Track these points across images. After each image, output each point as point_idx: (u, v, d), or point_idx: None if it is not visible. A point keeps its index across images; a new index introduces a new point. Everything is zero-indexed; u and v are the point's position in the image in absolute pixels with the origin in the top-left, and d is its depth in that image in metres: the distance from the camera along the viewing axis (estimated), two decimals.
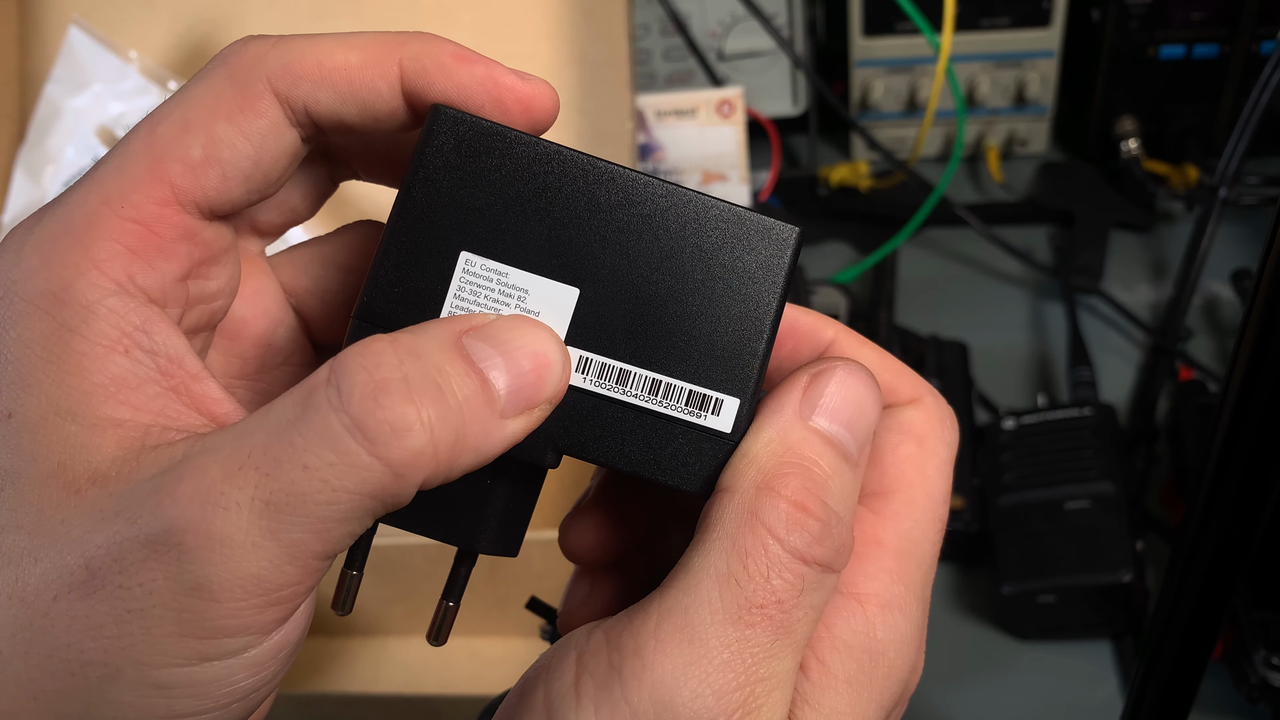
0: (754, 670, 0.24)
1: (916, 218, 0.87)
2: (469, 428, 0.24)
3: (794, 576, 0.25)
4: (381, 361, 0.24)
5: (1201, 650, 0.42)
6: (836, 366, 0.27)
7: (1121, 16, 0.88)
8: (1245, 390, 0.35)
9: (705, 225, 0.28)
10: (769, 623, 0.24)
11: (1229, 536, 0.38)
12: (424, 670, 0.72)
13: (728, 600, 0.24)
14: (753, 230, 0.28)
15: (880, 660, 0.27)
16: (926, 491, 0.30)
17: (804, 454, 0.26)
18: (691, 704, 0.24)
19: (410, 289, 0.28)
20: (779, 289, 0.28)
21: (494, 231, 0.28)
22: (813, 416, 0.27)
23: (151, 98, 0.71)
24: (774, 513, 0.25)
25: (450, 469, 0.24)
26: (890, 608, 0.28)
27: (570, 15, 0.70)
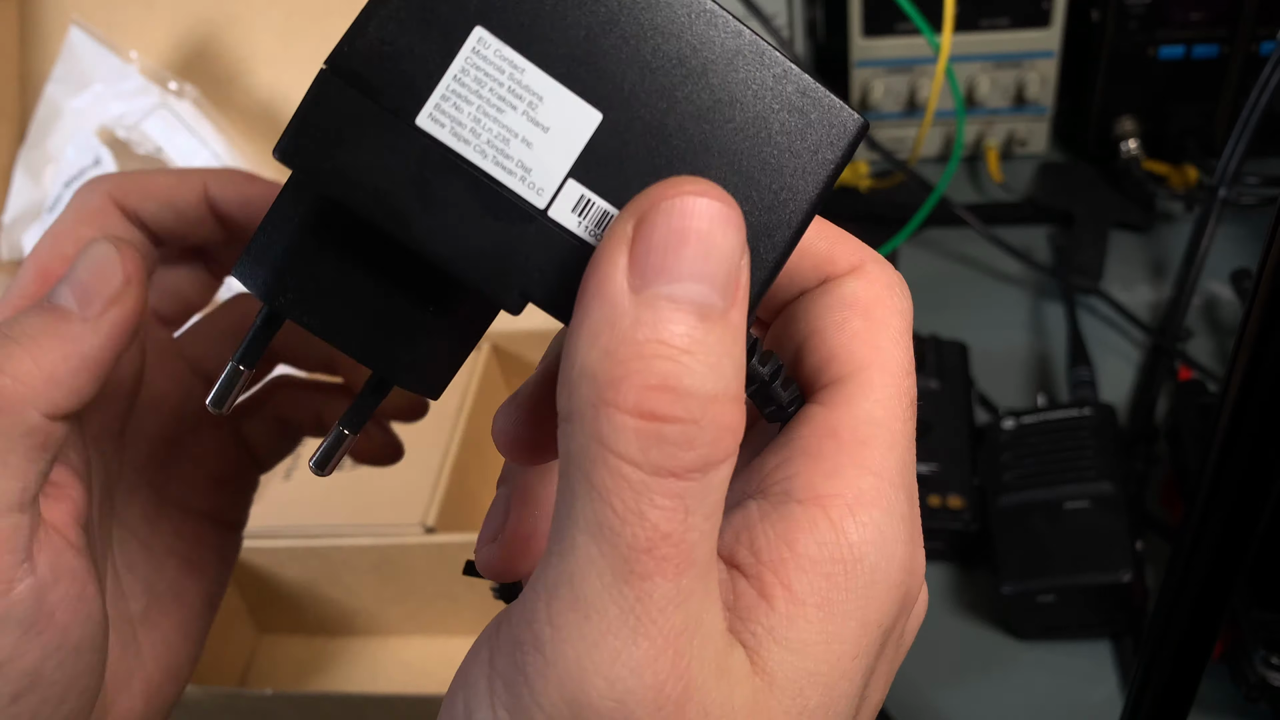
0: (667, 626, 0.20)
1: (916, 218, 0.87)
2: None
3: (671, 500, 0.20)
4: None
5: (1201, 650, 0.42)
6: (657, 205, 0.21)
7: (1121, 17, 0.88)
8: (1245, 390, 0.35)
9: (765, 84, 0.23)
10: (664, 564, 0.20)
11: (1228, 536, 0.38)
12: (424, 670, 0.72)
13: (609, 555, 0.20)
14: (816, 106, 0.24)
15: (858, 567, 0.23)
16: (882, 367, 0.25)
17: (641, 341, 0.20)
18: (610, 694, 0.20)
19: (402, 52, 0.22)
20: (822, 183, 0.25)
21: (524, 14, 0.22)
22: (646, 286, 0.21)
23: (152, 97, 0.71)
24: (620, 434, 0.20)
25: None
26: (861, 504, 0.23)
27: None
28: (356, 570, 0.69)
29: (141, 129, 0.71)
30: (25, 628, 0.28)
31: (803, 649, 0.22)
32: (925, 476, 0.70)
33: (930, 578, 0.71)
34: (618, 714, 0.20)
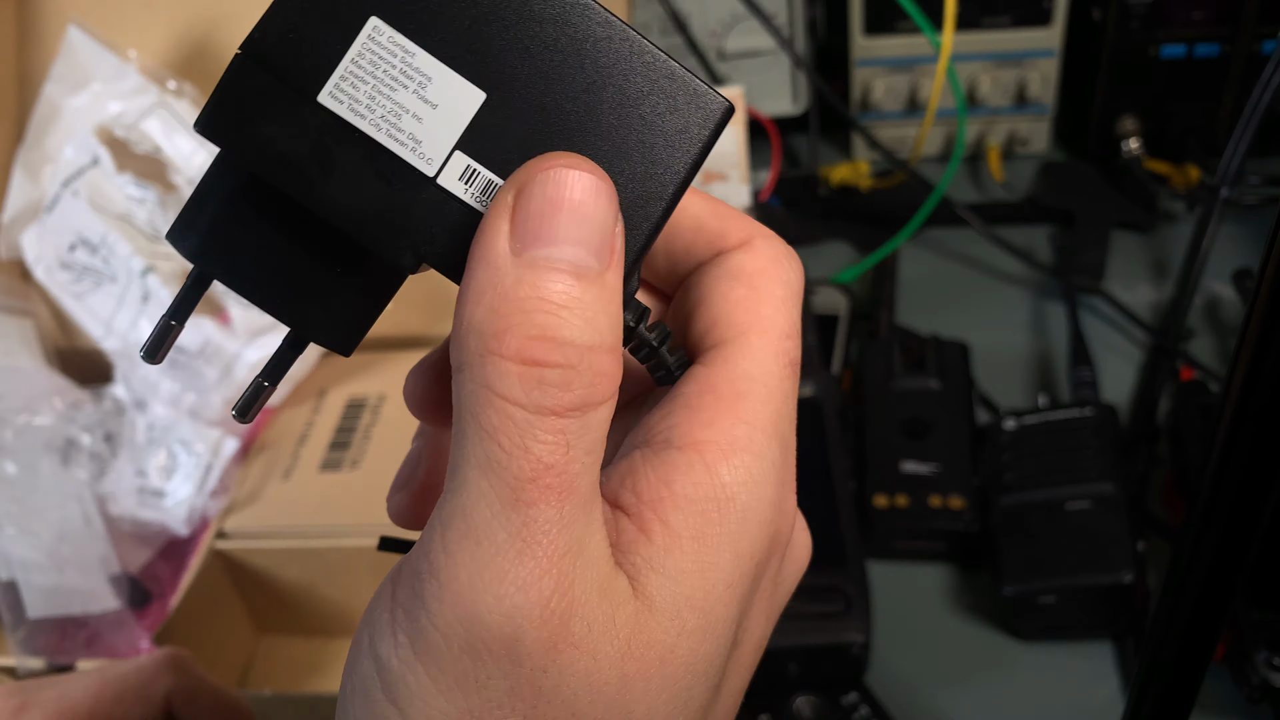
0: (551, 548, 0.22)
1: (917, 217, 0.87)
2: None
3: (553, 435, 0.22)
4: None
5: (1202, 651, 0.42)
6: (534, 177, 0.24)
7: (1122, 16, 0.88)
8: (1246, 390, 0.35)
9: (635, 69, 0.26)
10: (548, 492, 0.22)
11: (1230, 537, 0.38)
12: None
13: (498, 487, 0.22)
14: (683, 90, 0.26)
15: (730, 506, 0.25)
16: (762, 330, 0.27)
17: (522, 298, 0.23)
18: (498, 609, 0.22)
19: (306, 38, 0.25)
20: (691, 159, 0.26)
21: (414, 4, 0.25)
22: (526, 249, 0.23)
23: (150, 97, 0.71)
24: (504, 379, 0.22)
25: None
26: (734, 449, 0.25)
27: None
28: (355, 571, 0.69)
29: (140, 128, 0.71)
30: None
31: (679, 577, 0.24)
32: (927, 477, 0.70)
33: (931, 578, 0.71)
34: (506, 628, 0.22)
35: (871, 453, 0.72)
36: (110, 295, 0.73)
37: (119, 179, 0.71)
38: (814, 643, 0.60)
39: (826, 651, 0.61)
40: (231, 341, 0.72)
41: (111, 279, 0.72)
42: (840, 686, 0.63)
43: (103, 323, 0.74)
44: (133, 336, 0.73)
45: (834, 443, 0.69)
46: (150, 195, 0.72)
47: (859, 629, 0.60)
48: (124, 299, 0.72)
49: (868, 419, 0.74)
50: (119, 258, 0.71)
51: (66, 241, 0.72)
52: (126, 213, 0.72)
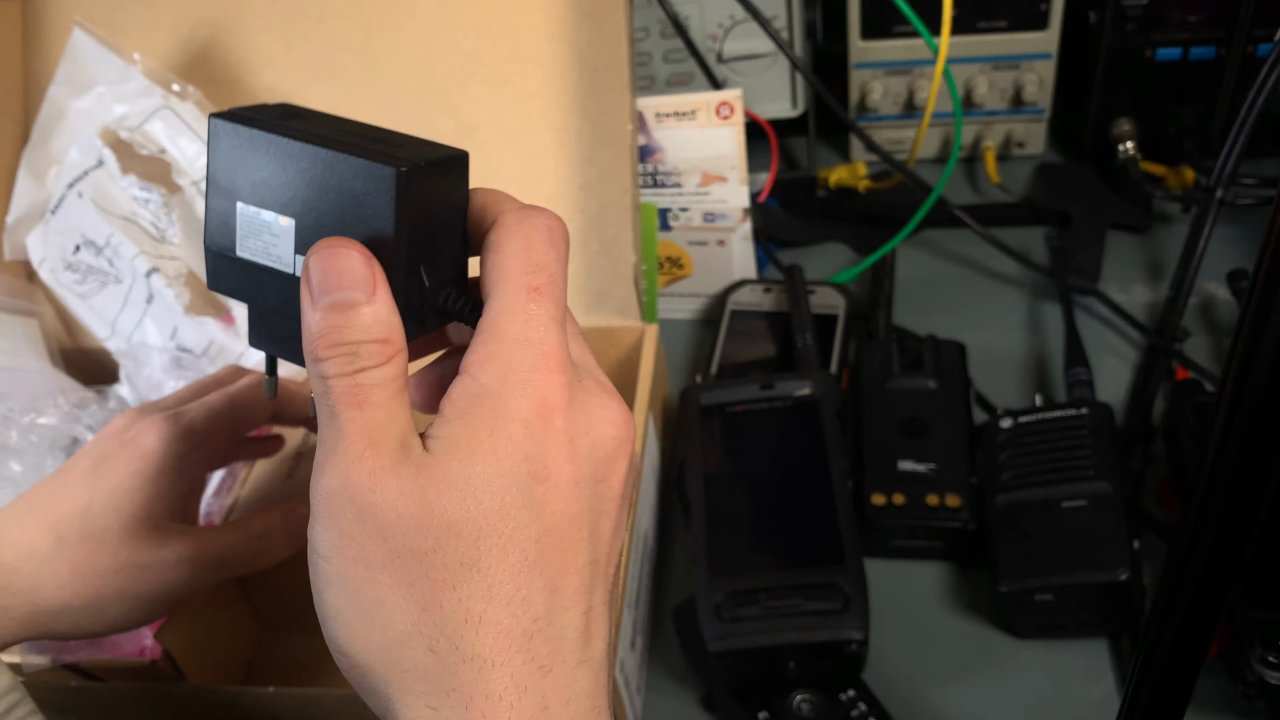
0: (354, 438, 0.35)
1: (914, 219, 0.87)
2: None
3: (348, 381, 0.35)
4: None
5: (1198, 648, 0.42)
6: (313, 255, 0.37)
7: (1118, 18, 0.88)
8: (1241, 390, 0.35)
9: (338, 172, 0.37)
10: (348, 408, 0.35)
11: (1225, 535, 0.38)
12: None
13: (325, 414, 0.36)
14: (359, 172, 0.37)
15: (487, 397, 0.36)
16: (503, 276, 0.37)
17: (322, 329, 0.36)
18: (331, 476, 0.35)
19: (222, 226, 0.41)
20: (391, 215, 0.37)
21: (249, 188, 0.40)
22: (321, 298, 0.36)
23: (154, 99, 0.71)
24: (327, 364, 0.36)
25: None
26: (485, 363, 0.36)
27: (571, 18, 0.70)
28: None
29: (144, 130, 0.71)
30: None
31: (450, 435, 0.36)
32: (923, 475, 0.71)
33: (928, 576, 0.71)
34: (336, 483, 0.35)
35: (869, 452, 0.73)
36: (115, 296, 0.73)
37: (124, 181, 0.72)
38: (812, 640, 0.61)
39: (824, 649, 0.61)
40: (236, 342, 0.72)
41: (116, 280, 0.72)
42: (838, 684, 0.63)
43: (108, 323, 0.74)
44: (137, 337, 0.73)
45: (832, 442, 0.69)
46: (155, 197, 0.72)
47: (857, 626, 0.61)
48: (129, 300, 0.73)
49: (865, 418, 0.75)
50: (124, 259, 0.72)
51: (72, 243, 0.73)
52: (131, 214, 0.72)
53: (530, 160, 0.71)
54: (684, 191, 0.84)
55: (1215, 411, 0.36)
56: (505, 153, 0.71)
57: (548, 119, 0.71)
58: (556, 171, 0.71)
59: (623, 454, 0.38)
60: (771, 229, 0.93)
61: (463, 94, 0.71)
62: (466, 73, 0.71)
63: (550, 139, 0.71)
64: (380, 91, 0.72)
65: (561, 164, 0.71)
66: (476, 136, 0.71)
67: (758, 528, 0.66)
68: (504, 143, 0.71)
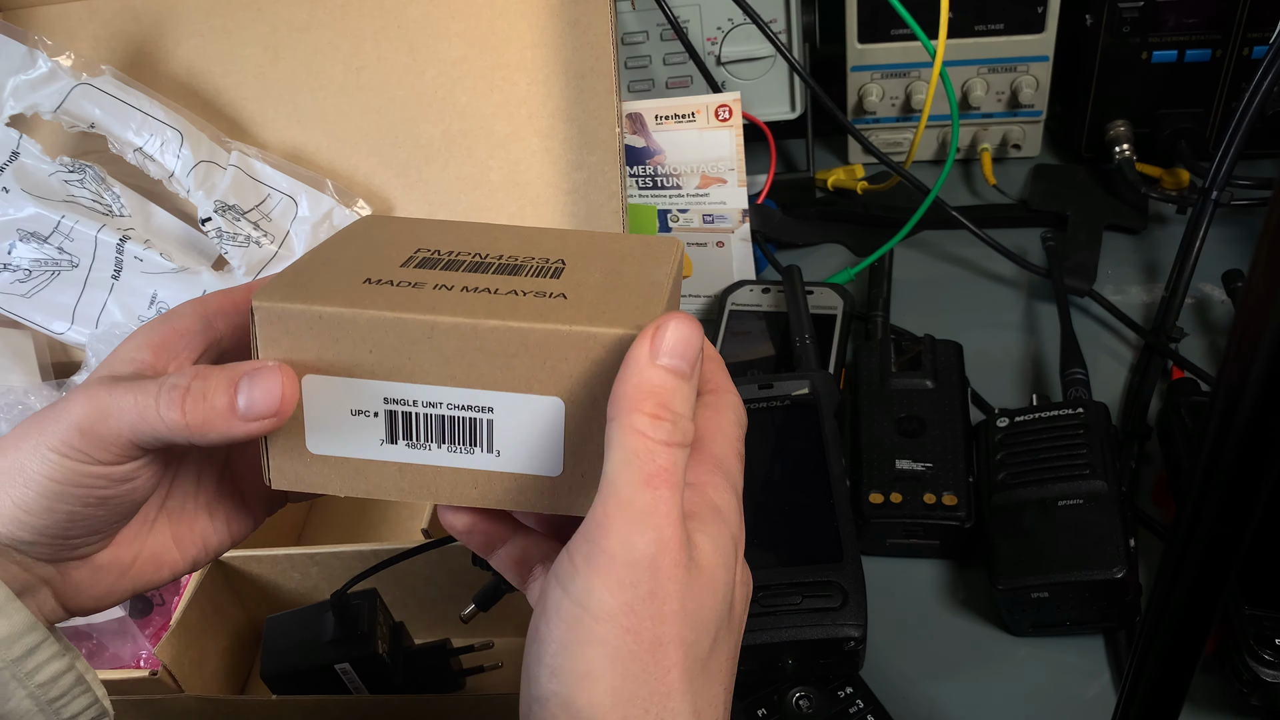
0: (669, 513, 0.36)
1: (912, 220, 0.88)
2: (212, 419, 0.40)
3: (667, 455, 0.37)
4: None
5: (1194, 646, 0.43)
6: (668, 319, 0.38)
7: (1114, 21, 0.88)
8: (1236, 389, 0.35)
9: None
10: (665, 484, 0.37)
11: (1220, 534, 0.39)
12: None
13: (635, 476, 0.36)
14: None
15: (719, 509, 0.39)
16: (709, 436, 0.41)
17: (652, 382, 0.37)
18: (644, 540, 0.36)
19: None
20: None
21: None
22: (658, 358, 0.38)
23: (65, 80, 0.68)
24: (642, 422, 0.37)
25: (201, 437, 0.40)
26: (719, 488, 0.40)
27: (556, 25, 0.70)
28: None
29: (66, 109, 0.69)
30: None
31: (712, 546, 0.38)
32: (920, 474, 0.71)
33: (925, 574, 0.72)
34: (650, 550, 0.36)
35: (867, 450, 0.73)
36: (71, 282, 0.71)
37: (54, 165, 0.70)
38: (810, 637, 0.61)
39: (822, 646, 0.61)
40: (230, 285, 0.71)
41: (72, 264, 0.71)
42: (836, 681, 0.63)
43: (64, 315, 0.72)
44: (104, 317, 0.72)
45: (830, 441, 0.69)
46: (89, 172, 0.70)
47: (854, 624, 0.61)
48: (89, 281, 0.70)
49: (863, 417, 0.75)
50: (83, 238, 0.70)
51: (5, 242, 0.71)
52: (69, 196, 0.70)
53: (518, 166, 0.71)
54: (683, 193, 0.85)
55: (1210, 411, 0.37)
56: (493, 159, 0.71)
57: (534, 125, 0.71)
58: (544, 176, 0.71)
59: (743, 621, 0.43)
60: (770, 230, 0.93)
61: (449, 101, 0.72)
62: (453, 80, 0.72)
63: (537, 144, 0.71)
64: (367, 100, 0.72)
65: (549, 169, 0.71)
66: (463, 143, 0.72)
67: (756, 526, 0.66)
68: (491, 149, 0.71)
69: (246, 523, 0.49)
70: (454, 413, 0.40)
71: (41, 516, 0.41)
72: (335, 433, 0.41)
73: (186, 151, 0.69)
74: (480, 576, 0.62)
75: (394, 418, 0.40)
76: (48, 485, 0.41)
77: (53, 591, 0.44)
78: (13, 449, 0.42)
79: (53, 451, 0.41)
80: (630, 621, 0.36)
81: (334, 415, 0.40)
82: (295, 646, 0.66)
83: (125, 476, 0.42)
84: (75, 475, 0.41)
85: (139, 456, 0.42)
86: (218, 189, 0.69)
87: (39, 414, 0.42)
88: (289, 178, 0.71)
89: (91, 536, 0.43)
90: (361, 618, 0.66)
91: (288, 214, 0.71)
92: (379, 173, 0.73)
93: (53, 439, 0.41)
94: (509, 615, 0.70)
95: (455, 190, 0.72)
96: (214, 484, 0.48)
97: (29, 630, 0.42)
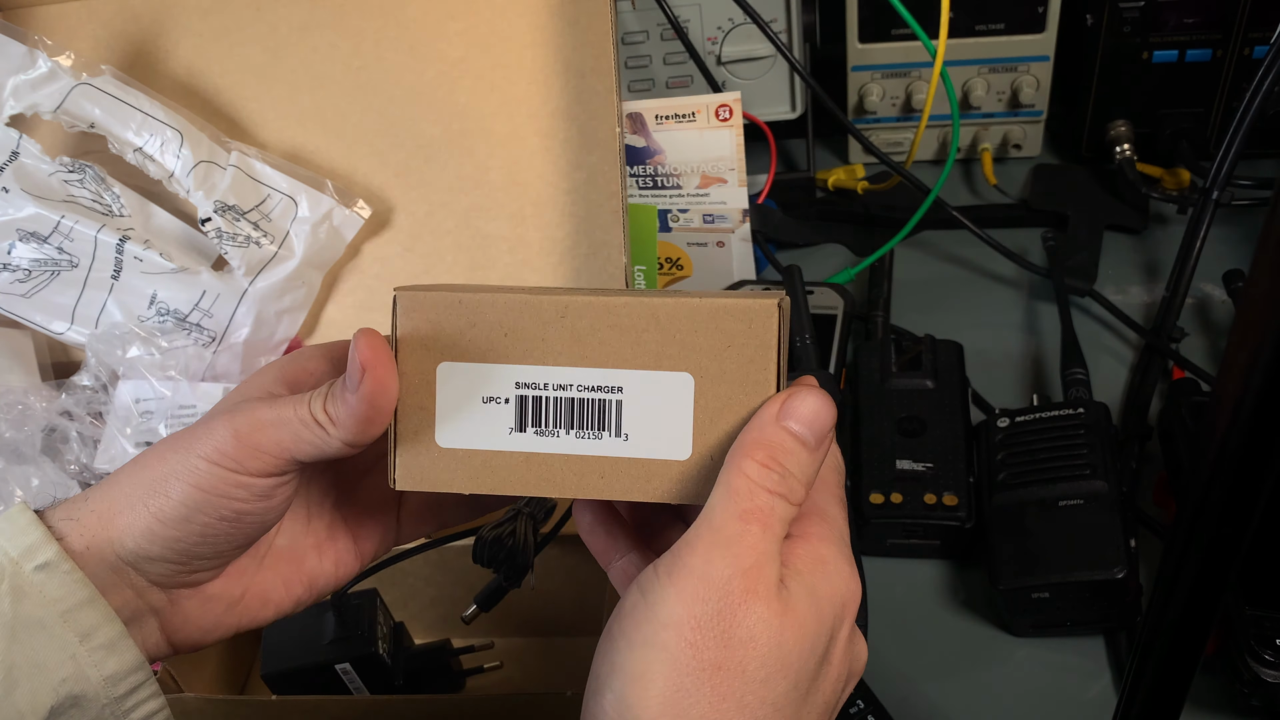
0: (754, 546, 0.37)
1: (912, 220, 0.88)
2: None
3: (766, 498, 0.38)
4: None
5: (1194, 646, 0.43)
6: (802, 388, 0.39)
7: (1115, 21, 0.88)
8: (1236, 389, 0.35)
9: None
10: (758, 522, 0.38)
11: (1221, 534, 0.39)
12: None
13: (732, 509, 0.38)
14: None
15: (829, 565, 0.40)
16: (821, 481, 0.42)
17: (771, 439, 0.39)
18: (723, 563, 0.37)
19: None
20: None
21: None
22: (784, 420, 0.39)
23: (65, 80, 0.68)
24: (750, 466, 0.38)
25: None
26: (826, 540, 0.40)
27: (556, 24, 0.70)
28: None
29: (66, 109, 0.69)
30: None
31: (806, 592, 0.38)
32: (921, 474, 0.71)
33: (926, 574, 0.72)
34: (725, 573, 0.37)
35: (867, 450, 0.73)
36: (71, 282, 0.71)
37: (54, 164, 0.70)
38: None
39: None
40: (230, 285, 0.70)
41: (71, 264, 0.71)
42: None
43: (64, 315, 0.72)
44: (103, 317, 0.72)
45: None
46: (89, 172, 0.70)
47: None
48: (88, 281, 0.70)
49: (863, 417, 0.75)
50: (83, 238, 0.70)
51: (5, 243, 0.70)
52: (69, 196, 0.70)
53: (518, 166, 0.71)
54: (683, 193, 0.85)
55: (1211, 411, 0.37)
56: (493, 159, 0.71)
57: (534, 124, 0.71)
58: (544, 176, 0.71)
59: (847, 690, 0.42)
60: (770, 230, 0.93)
61: (449, 101, 0.72)
62: (453, 80, 0.71)
63: (537, 144, 0.71)
64: (367, 100, 0.72)
65: (549, 169, 0.71)
66: (463, 143, 0.72)
67: None
68: (491, 149, 0.71)
69: (354, 564, 0.50)
70: (584, 394, 0.41)
71: (176, 527, 0.42)
72: (465, 423, 0.41)
73: (186, 151, 0.69)
74: (481, 577, 0.62)
75: (524, 403, 0.41)
76: (191, 494, 0.42)
77: (160, 623, 0.45)
78: (157, 462, 0.43)
79: (203, 459, 0.42)
80: (694, 636, 0.36)
81: (465, 403, 0.41)
82: (295, 647, 0.67)
83: (265, 492, 0.43)
84: (221, 484, 0.42)
85: (285, 472, 0.43)
86: (217, 189, 0.69)
87: (183, 431, 0.43)
88: (289, 178, 0.71)
89: (213, 560, 0.44)
90: (361, 618, 0.66)
91: (287, 214, 0.71)
92: (379, 173, 0.73)
93: (205, 447, 0.42)
94: (510, 616, 0.70)
95: (455, 190, 0.72)
96: (325, 524, 0.49)
97: (135, 669, 0.43)
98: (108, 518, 0.43)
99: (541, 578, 0.70)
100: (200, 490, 0.42)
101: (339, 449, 0.41)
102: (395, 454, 0.42)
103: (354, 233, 0.72)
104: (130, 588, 0.43)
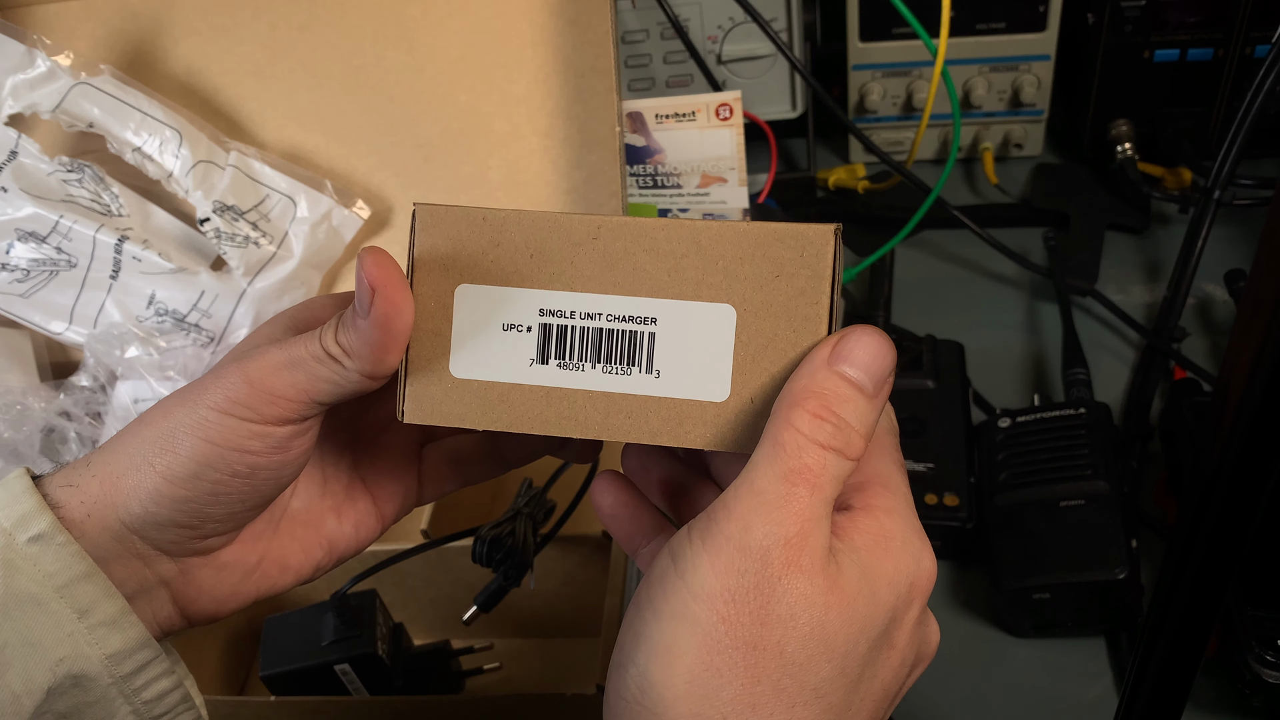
0: (800, 510, 0.34)
1: (913, 219, 0.87)
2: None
3: (818, 454, 0.34)
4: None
5: (1195, 647, 0.43)
6: (855, 328, 0.36)
7: (1116, 20, 0.88)
8: (1238, 389, 0.35)
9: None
10: (805, 483, 0.34)
11: (1222, 534, 0.39)
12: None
13: (776, 468, 0.34)
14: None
15: (893, 543, 0.36)
16: (878, 444, 0.39)
17: (824, 386, 0.35)
18: (763, 530, 0.33)
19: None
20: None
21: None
22: (837, 364, 0.35)
23: (64, 79, 0.68)
24: (800, 418, 0.34)
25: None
26: (891, 513, 0.37)
27: (556, 23, 0.70)
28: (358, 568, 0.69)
29: (65, 109, 0.69)
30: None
31: (859, 571, 0.35)
32: (922, 475, 0.71)
33: None
34: (765, 542, 0.33)
35: None
36: (69, 282, 0.71)
37: (52, 164, 0.69)
38: None
39: None
40: (229, 285, 0.70)
41: (70, 264, 0.70)
42: None
43: (62, 314, 0.72)
44: (102, 317, 0.71)
45: None
46: (87, 172, 0.70)
47: None
48: (87, 281, 0.70)
49: None
50: (81, 238, 0.70)
51: (2, 243, 0.70)
52: (68, 196, 0.70)
53: (517, 165, 0.71)
54: (684, 192, 0.85)
55: (1213, 411, 0.37)
56: (492, 158, 0.71)
57: (534, 124, 0.71)
58: (544, 175, 0.71)
59: (914, 676, 0.40)
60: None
61: (449, 101, 0.71)
62: (452, 79, 0.71)
63: (537, 143, 0.71)
64: (366, 99, 0.72)
65: (548, 168, 0.71)
66: (463, 142, 0.72)
67: None
68: (491, 148, 0.71)
69: (374, 525, 0.47)
70: (614, 325, 0.37)
71: (186, 486, 0.39)
72: (483, 351, 0.38)
73: (185, 151, 0.69)
74: (481, 577, 0.62)
75: (548, 332, 0.37)
76: (201, 448, 0.39)
77: (171, 594, 0.43)
78: (163, 418, 0.40)
79: (213, 409, 0.39)
80: (728, 610, 0.33)
81: (484, 331, 0.38)
82: (295, 647, 0.66)
83: (281, 443, 0.40)
84: (234, 436, 0.39)
85: (303, 418, 0.40)
86: (216, 189, 0.69)
87: (190, 384, 0.41)
88: (287, 178, 0.71)
89: (225, 523, 0.41)
90: (361, 619, 0.66)
91: (286, 214, 0.71)
92: (378, 172, 0.73)
93: (215, 396, 0.39)
94: (510, 616, 0.70)
95: (455, 190, 0.72)
96: (343, 485, 0.47)
97: (141, 647, 0.41)
98: (111, 481, 0.40)
99: (541, 578, 0.70)
100: (211, 444, 0.39)
101: (358, 383, 0.38)
102: (405, 383, 0.39)
103: (353, 233, 0.72)
104: (137, 557, 0.41)
